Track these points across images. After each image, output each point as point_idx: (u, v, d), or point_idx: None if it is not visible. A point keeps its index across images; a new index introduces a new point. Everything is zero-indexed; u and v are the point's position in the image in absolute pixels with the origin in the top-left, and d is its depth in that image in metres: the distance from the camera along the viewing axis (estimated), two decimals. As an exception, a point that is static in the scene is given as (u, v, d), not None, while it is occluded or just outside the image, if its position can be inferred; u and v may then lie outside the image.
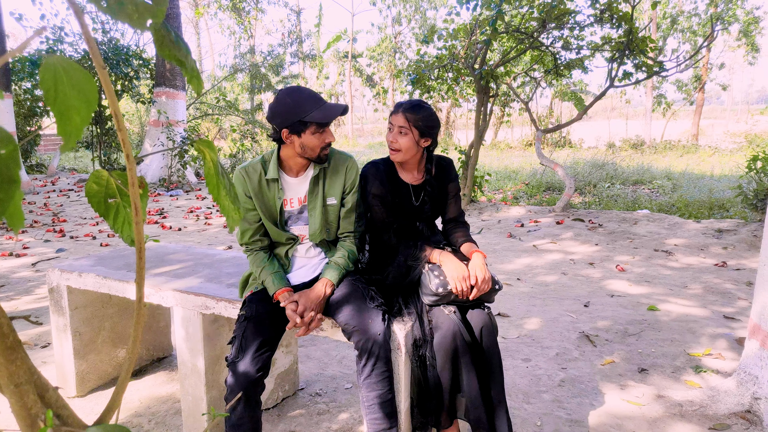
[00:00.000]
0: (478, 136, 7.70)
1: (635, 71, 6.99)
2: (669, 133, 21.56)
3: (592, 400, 2.64)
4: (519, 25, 7.22)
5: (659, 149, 17.68)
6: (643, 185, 10.15)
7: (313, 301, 1.91)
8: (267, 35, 25.90)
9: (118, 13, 0.48)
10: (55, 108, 0.41)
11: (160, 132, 10.73)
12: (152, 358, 3.07)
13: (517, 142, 21.26)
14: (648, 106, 20.77)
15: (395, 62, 26.80)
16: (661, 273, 4.72)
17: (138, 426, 2.46)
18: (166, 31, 0.55)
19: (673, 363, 3.02)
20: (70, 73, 0.41)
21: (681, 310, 3.82)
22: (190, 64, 0.59)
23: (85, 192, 0.64)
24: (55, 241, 6.23)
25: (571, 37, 7.35)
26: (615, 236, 6.05)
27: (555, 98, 21.58)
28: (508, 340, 3.37)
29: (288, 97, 1.94)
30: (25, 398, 0.49)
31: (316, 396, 2.74)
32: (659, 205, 7.88)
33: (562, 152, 16.62)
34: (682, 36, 20.65)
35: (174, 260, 2.76)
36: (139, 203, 0.57)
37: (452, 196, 2.25)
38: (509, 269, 4.96)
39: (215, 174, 0.60)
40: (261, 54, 19.53)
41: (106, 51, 10.11)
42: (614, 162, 12.07)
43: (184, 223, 7.40)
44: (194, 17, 26.36)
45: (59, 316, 2.64)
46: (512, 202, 8.61)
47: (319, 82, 28.22)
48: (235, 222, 0.64)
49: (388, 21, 27.59)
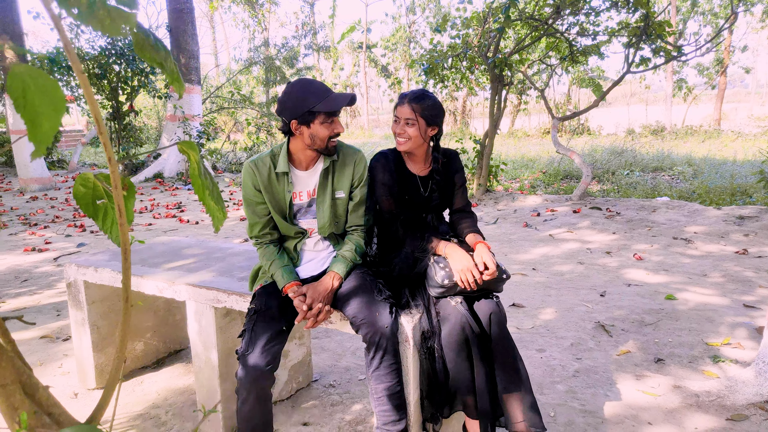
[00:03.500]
0: (492, 125, 7.63)
1: (653, 56, 6.85)
2: (690, 119, 21.12)
3: (606, 391, 2.62)
4: (533, 12, 7.12)
5: (680, 135, 17.34)
6: (663, 172, 9.97)
7: (321, 294, 1.92)
8: (281, 27, 25.92)
9: (90, 19, 0.48)
10: (25, 115, 0.41)
11: (177, 126, 10.83)
12: (169, 351, 3.12)
13: (535, 130, 21.03)
14: (668, 91, 20.37)
15: (410, 52, 26.64)
16: (680, 261, 4.65)
17: (156, 417, 2.51)
18: (145, 35, 0.55)
19: (690, 353, 2.98)
20: (38, 81, 0.41)
21: (699, 298, 3.76)
22: (170, 67, 0.59)
23: (73, 194, 0.64)
24: (76, 235, 6.35)
25: (587, 23, 7.23)
26: (633, 224, 5.97)
27: (573, 85, 21.27)
28: (522, 331, 3.35)
29: (296, 89, 1.96)
30: (11, 398, 0.50)
31: (329, 387, 2.76)
32: (679, 192, 7.75)
33: (580, 139, 16.39)
34: (703, 19, 20.17)
35: (188, 254, 2.79)
36: (123, 205, 0.57)
37: (458, 186, 2.24)
38: (525, 259, 4.93)
39: (198, 175, 0.60)
40: (275, 47, 19.56)
41: (121, 47, 10.20)
42: (633, 149, 11.88)
43: (202, 216, 7.48)
44: (209, 11, 26.47)
45: (77, 310, 2.69)
46: (529, 191, 8.53)
47: (334, 73, 28.19)
48: (220, 222, 0.64)
49: (402, 10, 27.43)
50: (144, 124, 18.09)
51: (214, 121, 13.18)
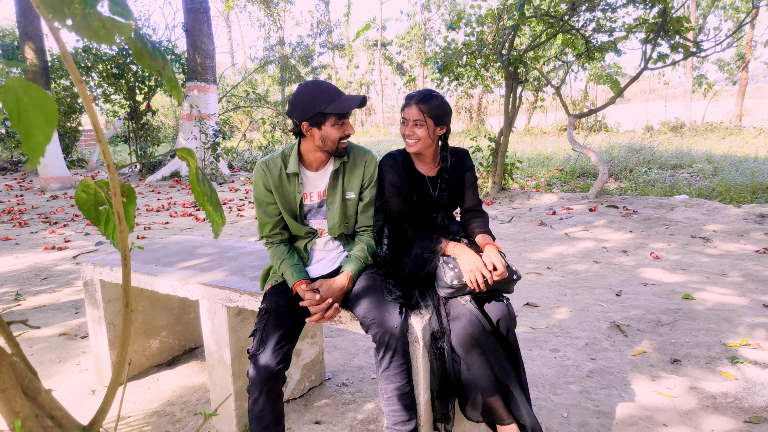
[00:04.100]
0: (507, 122, 7.58)
1: (671, 52, 6.74)
2: (710, 115, 20.77)
3: (621, 392, 2.59)
4: (548, 9, 7.05)
5: (700, 131, 17.07)
6: (682, 169, 9.83)
7: (334, 291, 1.93)
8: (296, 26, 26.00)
9: (84, 30, 0.48)
10: (19, 127, 0.42)
11: (193, 125, 10.93)
12: (184, 349, 3.15)
13: (551, 127, 20.87)
14: (688, 87, 20.06)
15: (425, 49, 26.56)
16: (698, 260, 4.58)
17: (170, 414, 2.54)
18: (142, 43, 0.55)
19: (707, 353, 2.93)
20: (31, 94, 0.41)
21: (718, 298, 3.70)
22: (168, 74, 0.60)
23: (75, 200, 0.65)
24: (95, 234, 6.44)
25: (604, 19, 7.14)
26: (650, 223, 5.89)
27: (590, 81, 21.04)
28: (536, 331, 3.33)
29: (307, 90, 1.97)
30: (12, 402, 0.51)
31: (342, 386, 2.77)
32: (698, 189, 7.63)
33: (597, 137, 16.21)
34: (724, 13, 19.81)
35: (201, 254, 2.82)
36: (122, 212, 0.58)
37: (469, 185, 2.23)
38: (539, 258, 4.89)
39: (197, 182, 0.61)
40: (290, 45, 19.64)
41: (139, 48, 10.32)
42: (652, 146, 11.72)
43: (217, 215, 7.54)
44: (225, 10, 26.65)
45: (94, 308, 2.73)
46: (545, 188, 8.46)
47: (349, 71, 28.22)
48: (219, 227, 0.64)
49: (417, 8, 27.36)
50: (161, 123, 18.30)
51: (229, 120, 13.28)
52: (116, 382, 0.59)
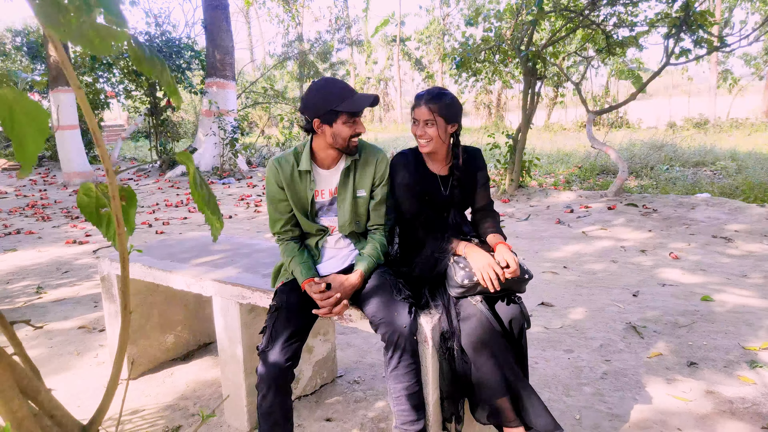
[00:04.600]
0: (525, 119, 7.51)
1: (694, 47, 6.61)
2: (736, 111, 20.32)
3: (635, 394, 2.56)
4: (567, 4, 6.96)
5: (724, 128, 16.73)
6: (705, 167, 9.64)
7: (345, 288, 1.94)
8: (315, 22, 26.05)
9: (80, 39, 0.49)
10: (13, 136, 0.42)
11: (212, 122, 11.04)
12: (199, 344, 3.19)
13: (572, 124, 20.63)
14: (712, 83, 19.66)
15: (444, 45, 26.43)
16: (719, 261, 4.49)
17: (184, 408, 2.58)
18: (140, 49, 0.56)
19: (725, 357, 2.88)
20: (22, 104, 0.42)
21: (738, 300, 3.63)
22: (166, 80, 0.60)
23: (77, 203, 0.66)
24: (115, 229, 6.55)
25: (625, 14, 7.03)
26: (670, 222, 5.79)
27: (611, 77, 20.74)
28: (550, 331, 3.30)
29: (320, 88, 1.99)
30: (10, 403, 0.52)
31: (354, 384, 2.78)
32: (721, 188, 7.48)
33: (618, 133, 15.98)
34: (751, 6, 19.35)
35: (215, 250, 2.85)
36: (121, 216, 0.58)
37: (481, 185, 2.22)
38: (556, 257, 4.85)
39: (195, 186, 0.61)
40: (308, 41, 19.68)
41: (159, 44, 10.43)
42: (674, 142, 11.52)
43: (235, 210, 7.61)
44: (244, 6, 26.81)
45: (110, 303, 2.78)
46: (564, 186, 8.37)
47: (368, 67, 28.22)
48: (218, 231, 0.65)
49: (436, 3, 27.18)
50: (182, 119, 18.50)
51: (248, 116, 13.37)
52: (114, 382, 0.60)
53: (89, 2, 0.48)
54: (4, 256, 5.41)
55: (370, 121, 28.43)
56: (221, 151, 10.96)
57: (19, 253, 5.53)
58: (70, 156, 10.25)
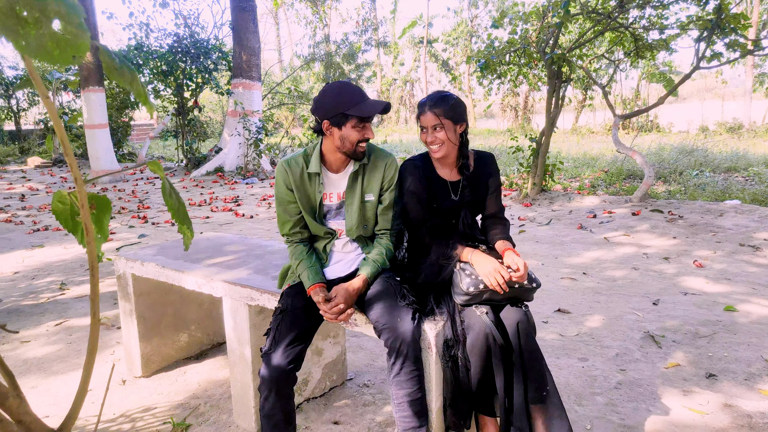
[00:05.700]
0: (549, 122, 7.42)
1: (726, 51, 6.42)
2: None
3: (649, 406, 2.50)
4: (595, 6, 6.84)
5: (759, 133, 16.22)
6: (737, 173, 9.36)
7: (349, 295, 1.94)
8: (342, 24, 26.18)
9: (39, 51, 0.49)
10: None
11: (237, 122, 11.17)
12: (212, 343, 3.23)
13: (600, 127, 20.26)
14: (748, 86, 19.09)
15: (471, 46, 26.27)
16: (745, 270, 4.36)
17: (195, 407, 2.61)
18: (110, 59, 0.56)
19: (747, 369, 2.79)
20: None
21: (763, 311, 3.52)
22: (137, 88, 0.61)
23: (52, 210, 0.67)
24: (139, 227, 6.67)
25: (655, 16, 6.87)
26: (696, 229, 5.65)
27: (642, 80, 20.32)
28: (565, 338, 3.25)
29: (333, 90, 1.99)
30: (-28, 409, 0.53)
31: (363, 387, 2.78)
32: (752, 194, 7.26)
33: (647, 137, 15.66)
34: (790, 7, 18.73)
35: (229, 251, 2.88)
36: (90, 224, 0.59)
37: (492, 190, 2.19)
38: (576, 263, 4.77)
39: (165, 195, 0.61)
40: (335, 43, 19.79)
41: (187, 45, 10.60)
42: (705, 147, 11.23)
43: (257, 210, 7.69)
44: (273, 8, 27.08)
45: (126, 301, 2.83)
46: (589, 190, 8.23)
47: (395, 68, 28.21)
48: (189, 239, 0.65)
49: (464, 4, 27.04)
50: (209, 118, 18.78)
51: (273, 117, 13.49)
52: (83, 393, 0.61)
53: (48, 14, 0.48)
54: (31, 252, 5.56)
55: (395, 123, 28.42)
56: (245, 151, 11.09)
57: (45, 249, 5.69)
58: (99, 154, 10.49)
